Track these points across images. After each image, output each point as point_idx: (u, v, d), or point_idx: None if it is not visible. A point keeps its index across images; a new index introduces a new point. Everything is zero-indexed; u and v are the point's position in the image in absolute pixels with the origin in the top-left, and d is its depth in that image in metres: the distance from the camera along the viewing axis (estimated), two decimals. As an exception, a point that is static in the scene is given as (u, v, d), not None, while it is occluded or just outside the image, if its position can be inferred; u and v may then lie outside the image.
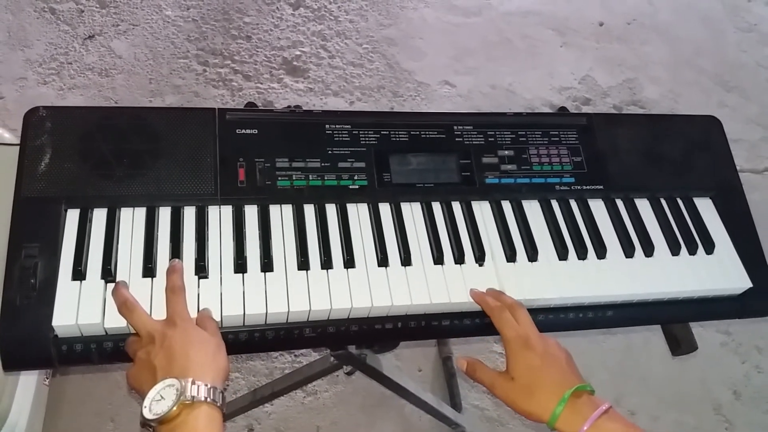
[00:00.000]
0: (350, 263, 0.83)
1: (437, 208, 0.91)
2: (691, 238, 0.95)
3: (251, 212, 0.84)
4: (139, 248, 0.79)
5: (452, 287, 0.84)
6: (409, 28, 2.29)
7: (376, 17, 2.29)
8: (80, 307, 0.73)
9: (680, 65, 2.44)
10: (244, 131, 0.88)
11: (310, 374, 1.34)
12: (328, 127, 0.91)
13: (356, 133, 0.92)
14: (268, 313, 0.78)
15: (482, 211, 0.92)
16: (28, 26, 2.05)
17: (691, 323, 0.99)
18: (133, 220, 0.81)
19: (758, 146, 2.30)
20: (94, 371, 1.53)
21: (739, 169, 1.04)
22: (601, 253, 0.91)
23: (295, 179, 0.87)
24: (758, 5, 2.69)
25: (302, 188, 0.86)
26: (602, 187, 0.96)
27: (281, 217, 0.85)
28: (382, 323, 0.83)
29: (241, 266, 0.80)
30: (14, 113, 1.86)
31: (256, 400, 1.42)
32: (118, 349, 0.74)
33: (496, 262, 0.88)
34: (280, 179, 0.86)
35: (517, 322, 0.80)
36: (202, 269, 0.78)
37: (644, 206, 0.98)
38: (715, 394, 1.78)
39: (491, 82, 2.24)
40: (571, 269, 0.90)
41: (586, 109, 2.24)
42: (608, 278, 0.90)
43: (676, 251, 0.94)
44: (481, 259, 0.87)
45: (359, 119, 0.93)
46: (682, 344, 0.97)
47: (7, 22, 2.04)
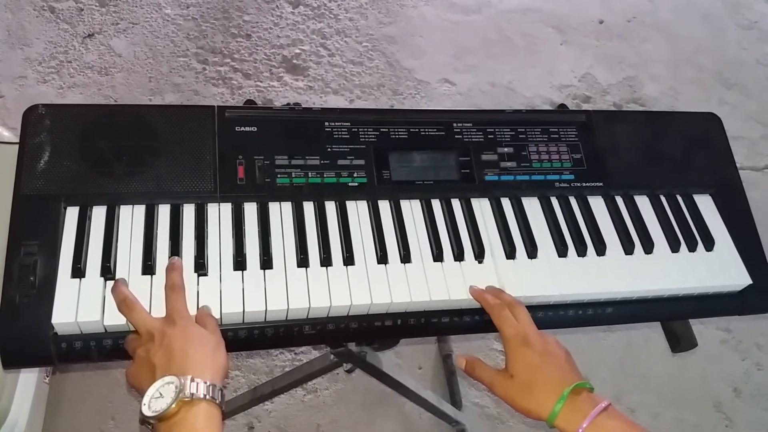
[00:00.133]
0: (350, 260, 0.83)
1: (437, 205, 0.91)
2: (690, 234, 0.95)
3: (251, 210, 0.84)
4: (138, 246, 0.79)
5: (452, 284, 0.84)
6: (408, 26, 2.29)
7: (375, 15, 2.28)
8: (80, 304, 0.73)
9: (680, 63, 2.44)
10: (243, 129, 0.88)
11: (310, 372, 1.34)
12: (327, 124, 0.91)
13: (355, 130, 0.92)
14: (267, 310, 0.78)
15: (482, 208, 0.92)
16: (27, 25, 2.05)
17: (691, 320, 0.99)
18: (132, 217, 0.81)
19: (758, 144, 2.30)
20: (94, 369, 1.53)
21: (739, 166, 1.03)
22: (600, 250, 0.91)
23: (294, 177, 0.87)
24: (759, 2, 2.68)
25: (301, 185, 0.86)
26: (602, 184, 0.96)
27: (281, 214, 0.85)
28: (381, 320, 0.83)
29: (240, 264, 0.80)
30: (14, 112, 1.86)
31: (256, 398, 1.42)
32: (117, 346, 0.74)
33: (495, 259, 0.88)
34: (279, 177, 0.86)
35: (516, 319, 0.80)
36: (201, 267, 0.78)
37: (644, 203, 0.98)
38: (715, 391, 1.78)
39: (491, 80, 2.24)
40: (570, 266, 0.90)
41: (586, 106, 2.23)
42: (608, 275, 0.90)
43: (675, 248, 0.94)
44: (480, 256, 0.87)
45: (358, 116, 0.93)
46: (681, 341, 0.97)
47: (6, 20, 2.04)
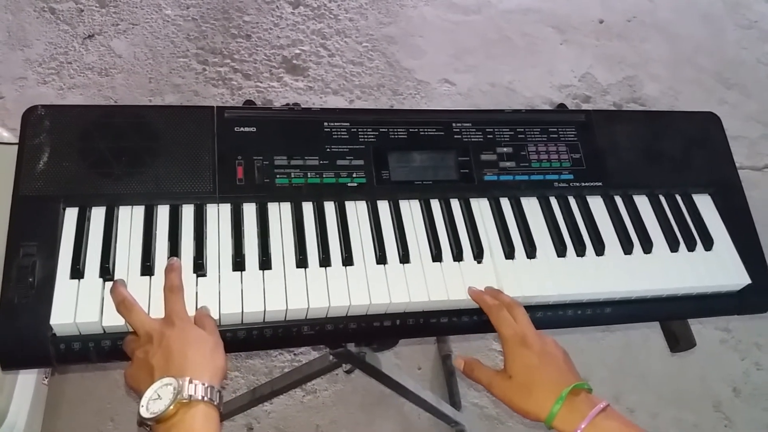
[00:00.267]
0: (349, 261, 0.83)
1: (436, 205, 0.91)
2: (689, 234, 0.95)
3: (250, 210, 0.84)
4: (137, 247, 0.79)
5: (451, 284, 0.84)
6: (408, 26, 2.29)
7: (375, 15, 2.28)
8: (78, 305, 0.73)
9: (680, 62, 2.44)
10: (242, 129, 0.88)
11: (309, 373, 1.34)
12: (326, 124, 0.91)
13: (355, 130, 0.92)
14: (266, 311, 0.78)
15: (481, 208, 0.92)
16: (27, 26, 2.05)
17: (690, 320, 0.99)
18: (131, 218, 0.81)
19: (758, 143, 2.30)
20: (92, 370, 1.53)
21: (738, 166, 1.03)
22: (599, 250, 0.91)
23: (293, 177, 0.86)
24: (758, 2, 2.68)
25: (301, 186, 0.86)
26: (601, 184, 0.96)
27: (280, 215, 0.85)
28: (380, 321, 0.83)
29: (239, 264, 0.80)
30: (14, 113, 1.86)
31: (255, 398, 1.42)
32: (116, 347, 0.74)
33: (494, 259, 0.88)
34: (278, 177, 0.86)
35: (514, 320, 0.80)
36: (200, 267, 0.78)
37: (643, 203, 0.98)
38: (714, 391, 1.78)
39: (491, 80, 2.24)
40: (569, 266, 0.90)
41: (586, 106, 2.23)
42: (607, 275, 0.90)
43: (674, 248, 0.94)
44: (479, 256, 0.87)
45: (358, 117, 0.93)
46: (680, 341, 0.97)
47: (6, 21, 2.04)
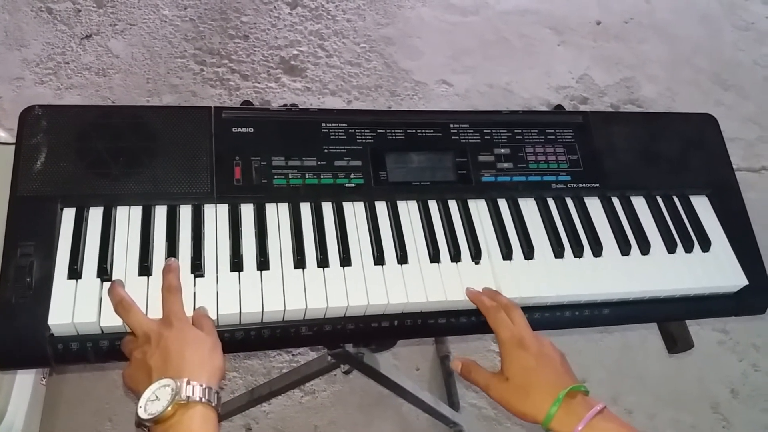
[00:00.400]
0: (346, 261, 0.83)
1: (434, 206, 0.91)
2: (687, 235, 0.96)
3: (247, 211, 0.84)
4: (135, 247, 0.79)
5: (449, 285, 0.84)
6: (406, 27, 2.29)
7: (373, 16, 2.29)
8: (76, 306, 0.73)
9: (677, 64, 2.45)
10: (240, 130, 0.88)
11: (307, 373, 1.34)
12: (324, 125, 0.91)
13: (352, 131, 0.92)
14: (264, 311, 0.78)
15: (478, 209, 0.92)
16: (25, 26, 2.04)
17: (687, 321, 0.99)
18: (129, 218, 0.81)
19: (755, 145, 2.30)
20: (91, 370, 1.53)
21: (735, 167, 1.04)
22: (597, 250, 0.91)
23: (291, 178, 0.86)
24: (756, 4, 2.69)
25: (298, 187, 0.86)
26: (598, 185, 0.96)
27: (277, 215, 0.85)
28: (378, 321, 0.83)
29: (237, 265, 0.80)
30: (11, 113, 1.86)
31: (253, 399, 1.42)
32: (114, 348, 0.74)
33: (492, 260, 0.88)
34: (276, 178, 0.86)
35: (512, 322, 0.80)
36: (198, 268, 0.78)
37: (640, 204, 0.98)
38: (712, 392, 1.78)
39: (488, 81, 2.24)
40: (567, 267, 0.90)
41: (583, 108, 2.24)
42: (604, 276, 0.90)
43: (672, 249, 0.94)
44: (477, 257, 0.88)
45: (355, 117, 0.93)
46: (678, 342, 0.98)
47: (3, 21, 2.04)
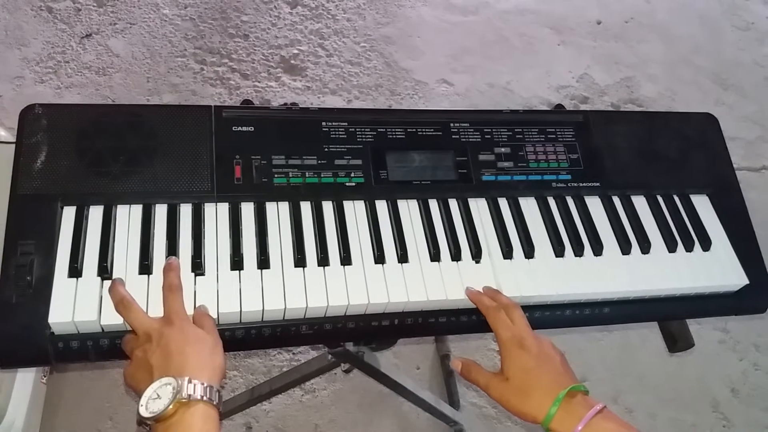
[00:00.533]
0: (347, 260, 0.83)
1: (434, 205, 0.91)
2: (687, 235, 0.96)
3: (248, 209, 0.84)
4: (135, 245, 0.79)
5: (449, 284, 0.84)
6: (406, 26, 2.29)
7: (373, 16, 2.28)
8: (76, 304, 0.73)
9: (678, 63, 2.45)
10: (240, 129, 0.88)
11: (308, 372, 1.34)
12: (324, 124, 0.91)
13: (353, 130, 0.92)
14: (264, 310, 0.78)
15: (479, 208, 0.92)
16: (25, 25, 2.04)
17: (688, 320, 0.99)
18: (129, 217, 0.81)
19: (755, 144, 2.30)
20: (91, 369, 1.53)
21: (735, 167, 1.04)
22: (597, 250, 0.91)
23: (291, 176, 0.86)
24: (756, 4, 2.69)
25: (299, 185, 0.86)
26: (599, 184, 0.96)
27: (278, 214, 0.85)
28: (379, 320, 0.83)
29: (237, 263, 0.80)
30: (11, 112, 1.86)
31: (254, 398, 1.42)
32: (114, 346, 0.74)
33: (492, 259, 0.88)
34: (276, 176, 0.86)
35: (512, 322, 0.79)
36: (198, 266, 0.78)
37: (641, 203, 0.98)
38: (712, 391, 1.78)
39: (489, 80, 2.24)
40: (567, 266, 0.90)
41: (583, 107, 2.24)
42: (605, 275, 0.90)
43: (672, 248, 0.94)
44: (477, 256, 0.88)
45: (355, 116, 0.93)
46: (679, 341, 0.97)
47: (3, 20, 2.04)
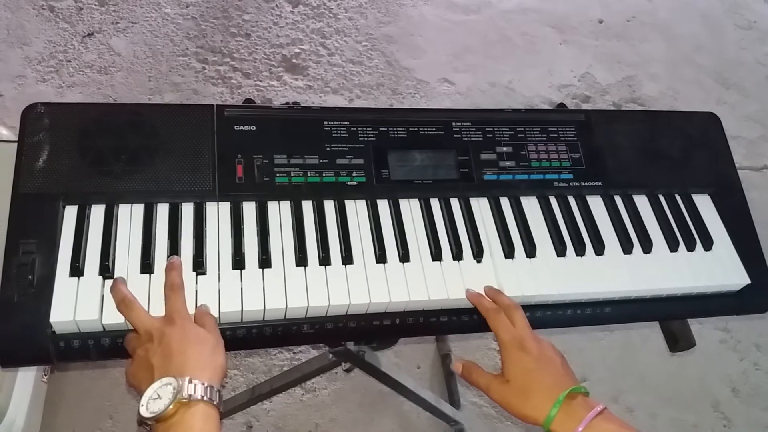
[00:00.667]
0: (348, 260, 0.83)
1: (435, 204, 0.91)
2: (689, 234, 0.95)
3: (249, 209, 0.84)
4: (137, 245, 0.79)
5: (450, 284, 0.84)
6: (408, 25, 2.29)
7: (375, 15, 2.28)
8: (78, 303, 0.73)
9: (679, 62, 2.44)
10: (242, 128, 0.88)
11: (308, 371, 1.34)
12: (326, 123, 0.91)
13: (354, 129, 0.92)
14: (266, 309, 0.78)
15: (480, 207, 0.92)
16: (27, 24, 2.04)
17: (689, 320, 0.99)
18: (131, 216, 0.81)
19: (757, 144, 2.30)
20: (92, 368, 1.53)
21: (737, 166, 1.03)
22: (599, 249, 0.91)
23: (293, 176, 0.86)
24: (758, 2, 2.68)
25: (300, 185, 0.86)
26: (600, 183, 0.96)
27: (279, 213, 0.85)
28: (380, 320, 0.83)
29: (239, 263, 0.80)
30: (13, 111, 1.86)
31: (254, 397, 1.42)
32: (115, 345, 0.74)
33: (494, 258, 0.88)
34: (278, 176, 0.86)
35: (512, 324, 0.79)
36: (200, 266, 0.78)
37: (643, 203, 0.98)
38: (713, 391, 1.78)
39: (490, 79, 2.24)
40: (569, 266, 0.90)
41: (585, 106, 2.24)
42: (606, 275, 0.90)
43: (674, 248, 0.94)
44: (479, 255, 0.87)
45: (357, 116, 0.93)
46: (680, 341, 0.97)
47: (5, 19, 2.04)
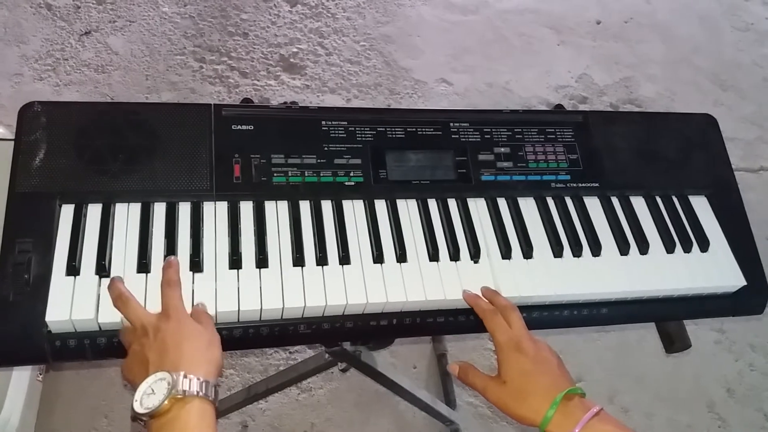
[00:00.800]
0: (345, 260, 0.83)
1: (433, 205, 0.91)
2: (686, 235, 0.96)
3: (246, 208, 0.84)
4: (133, 244, 0.79)
5: (447, 284, 0.84)
6: (406, 25, 2.29)
7: (373, 15, 2.28)
8: (74, 302, 0.73)
9: (677, 64, 2.45)
10: (240, 127, 0.88)
11: (304, 371, 1.34)
12: (324, 123, 0.91)
13: (352, 129, 0.91)
14: (262, 309, 0.78)
15: (478, 208, 0.92)
16: (24, 22, 2.04)
17: (685, 321, 0.99)
18: (127, 215, 0.81)
19: (754, 145, 2.30)
20: (87, 367, 1.52)
21: (734, 168, 1.04)
22: (596, 250, 0.92)
23: (290, 175, 0.86)
24: (755, 4, 2.69)
25: (298, 184, 0.86)
26: (598, 184, 0.97)
27: (277, 213, 0.85)
28: (377, 320, 0.83)
29: (236, 262, 0.79)
30: (10, 109, 1.86)
31: (250, 396, 1.41)
32: (111, 344, 0.74)
33: (491, 259, 0.88)
34: (275, 175, 0.86)
35: (509, 325, 0.79)
36: (197, 265, 0.78)
37: (640, 204, 0.98)
38: (708, 391, 1.79)
39: (488, 80, 2.24)
40: (566, 266, 0.90)
41: (582, 107, 2.24)
42: (603, 276, 0.90)
43: (671, 249, 0.94)
44: (476, 256, 0.88)
45: (355, 116, 0.93)
46: (676, 342, 0.98)
47: (2, 17, 2.03)
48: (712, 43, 2.54)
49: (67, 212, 0.79)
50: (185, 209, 0.83)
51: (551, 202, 0.95)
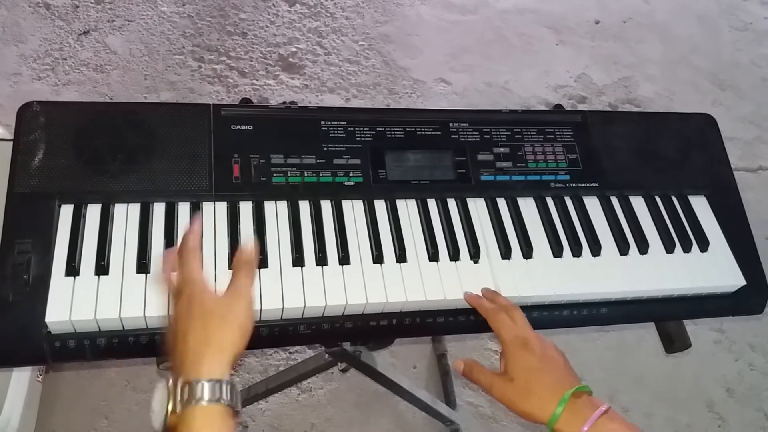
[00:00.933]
0: (345, 260, 0.83)
1: (432, 205, 0.91)
2: (685, 235, 0.96)
3: (246, 208, 0.84)
4: (133, 244, 0.78)
5: (447, 284, 0.84)
6: (405, 25, 2.29)
7: (372, 14, 2.28)
8: (74, 303, 0.73)
9: (675, 64, 2.45)
10: (239, 127, 0.88)
11: (304, 371, 1.34)
12: (323, 123, 0.91)
13: (352, 129, 0.91)
14: (262, 309, 0.78)
15: (477, 208, 0.92)
16: (22, 21, 2.03)
17: (684, 321, 0.99)
18: (127, 215, 0.81)
19: (752, 145, 2.31)
20: (87, 368, 1.52)
21: (733, 167, 1.04)
22: (595, 250, 0.92)
23: (290, 175, 0.86)
24: (753, 4, 2.69)
25: (297, 185, 0.86)
26: (597, 184, 0.97)
27: (276, 213, 0.85)
28: (376, 320, 0.83)
29: (235, 262, 0.79)
30: (8, 109, 1.85)
31: (250, 397, 1.41)
32: (111, 345, 0.74)
33: (491, 259, 0.88)
34: (275, 175, 0.86)
35: (513, 323, 0.79)
36: (196, 265, 0.78)
37: (639, 204, 0.98)
38: (708, 391, 1.79)
39: (487, 79, 2.24)
40: (565, 266, 0.90)
41: (581, 107, 2.24)
42: (603, 275, 0.90)
43: (670, 249, 0.95)
44: (476, 256, 0.87)
45: (354, 115, 0.93)
46: (675, 342, 0.98)
47: (1, 17, 2.03)
48: (710, 42, 2.54)
49: (66, 212, 0.79)
50: (184, 209, 0.83)
51: (551, 202, 0.95)
